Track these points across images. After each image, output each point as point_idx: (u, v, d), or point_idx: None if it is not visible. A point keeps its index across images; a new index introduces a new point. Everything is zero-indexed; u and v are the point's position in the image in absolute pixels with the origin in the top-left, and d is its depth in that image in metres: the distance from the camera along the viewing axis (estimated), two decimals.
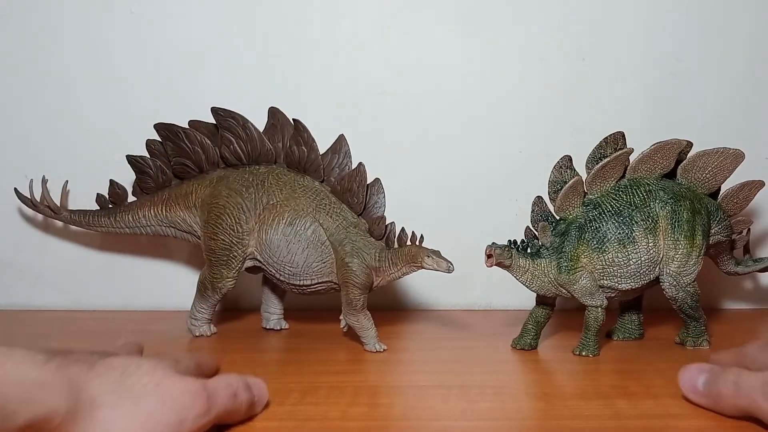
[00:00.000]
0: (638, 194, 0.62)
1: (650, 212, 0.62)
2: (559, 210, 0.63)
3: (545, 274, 0.62)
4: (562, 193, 0.62)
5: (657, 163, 0.63)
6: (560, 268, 0.61)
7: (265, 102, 0.68)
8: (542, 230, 0.63)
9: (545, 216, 0.63)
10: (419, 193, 0.79)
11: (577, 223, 0.62)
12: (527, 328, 0.64)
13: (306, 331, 0.70)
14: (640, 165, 0.63)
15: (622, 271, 0.61)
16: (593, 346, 0.62)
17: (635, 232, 0.61)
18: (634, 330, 0.68)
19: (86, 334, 0.69)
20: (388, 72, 0.79)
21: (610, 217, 0.61)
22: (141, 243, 0.80)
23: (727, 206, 0.67)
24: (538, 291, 0.63)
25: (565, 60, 0.79)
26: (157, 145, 0.70)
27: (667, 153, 0.63)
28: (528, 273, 0.62)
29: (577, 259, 0.61)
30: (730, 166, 0.65)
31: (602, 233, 0.61)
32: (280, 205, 0.65)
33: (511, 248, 0.62)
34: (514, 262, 0.62)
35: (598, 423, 0.47)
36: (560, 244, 0.62)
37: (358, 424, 0.46)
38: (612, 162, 0.62)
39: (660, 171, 0.64)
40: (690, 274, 0.62)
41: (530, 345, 0.64)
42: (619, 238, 0.61)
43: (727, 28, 0.79)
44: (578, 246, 0.61)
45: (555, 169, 0.64)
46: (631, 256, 0.61)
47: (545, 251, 0.62)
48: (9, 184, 0.75)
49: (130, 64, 0.78)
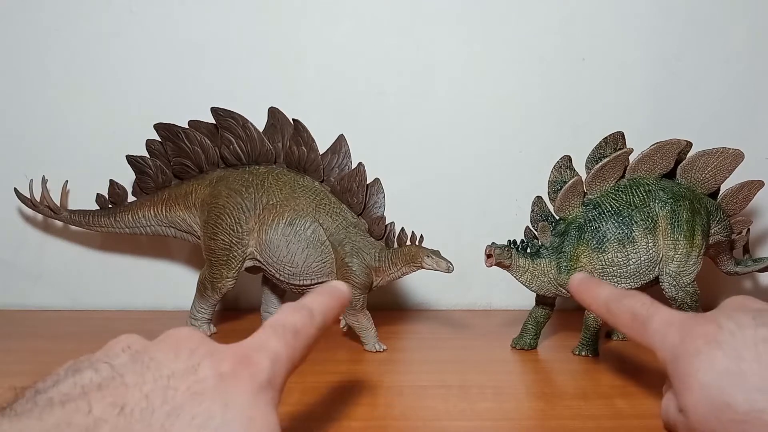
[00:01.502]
0: (638, 194, 0.62)
1: (650, 212, 0.62)
2: (558, 210, 0.63)
3: (545, 274, 0.62)
4: (561, 193, 0.62)
5: (656, 163, 0.63)
6: (560, 268, 0.61)
7: (265, 102, 0.68)
8: (542, 230, 0.63)
9: (545, 216, 0.64)
10: (419, 193, 0.79)
11: (577, 223, 0.62)
12: (527, 327, 0.65)
13: None
14: (639, 165, 0.63)
15: (622, 271, 0.61)
16: (593, 346, 0.62)
17: (635, 232, 0.61)
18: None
19: (86, 334, 0.69)
20: (387, 72, 0.79)
21: (609, 217, 0.62)
22: (141, 243, 0.80)
23: (727, 206, 0.67)
24: (537, 291, 0.63)
25: (565, 60, 0.79)
26: (157, 145, 0.70)
27: (667, 153, 0.63)
28: (528, 273, 0.62)
29: (576, 259, 0.61)
30: (730, 166, 0.65)
31: (602, 233, 0.61)
32: (279, 205, 0.65)
33: (511, 248, 0.62)
34: (513, 262, 0.62)
35: (598, 423, 0.47)
36: (560, 244, 0.62)
37: (358, 424, 0.46)
38: (611, 162, 0.62)
39: (660, 171, 0.64)
40: (689, 274, 0.62)
41: (529, 345, 0.64)
42: (618, 238, 0.61)
43: (727, 28, 0.79)
44: (578, 246, 0.61)
45: (555, 169, 0.64)
46: (631, 256, 0.61)
47: (545, 251, 0.62)
48: (9, 184, 0.75)
49: (130, 64, 0.78)
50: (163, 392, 0.29)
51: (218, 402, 0.29)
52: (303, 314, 0.36)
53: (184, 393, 0.29)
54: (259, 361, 0.32)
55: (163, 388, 0.29)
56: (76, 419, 0.27)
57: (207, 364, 0.30)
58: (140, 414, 0.28)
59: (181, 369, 0.30)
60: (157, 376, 0.29)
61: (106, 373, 0.29)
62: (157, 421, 0.28)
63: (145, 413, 0.28)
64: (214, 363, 0.31)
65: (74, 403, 0.28)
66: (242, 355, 0.31)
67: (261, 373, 0.31)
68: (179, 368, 0.30)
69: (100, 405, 0.28)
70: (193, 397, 0.29)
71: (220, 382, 0.30)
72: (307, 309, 0.36)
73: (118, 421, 0.27)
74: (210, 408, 0.29)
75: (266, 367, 0.32)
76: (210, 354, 0.31)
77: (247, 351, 0.32)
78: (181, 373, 0.30)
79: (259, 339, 0.33)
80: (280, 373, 0.32)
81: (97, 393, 0.28)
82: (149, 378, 0.29)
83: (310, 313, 0.36)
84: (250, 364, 0.31)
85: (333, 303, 0.38)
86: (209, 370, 0.30)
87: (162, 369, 0.30)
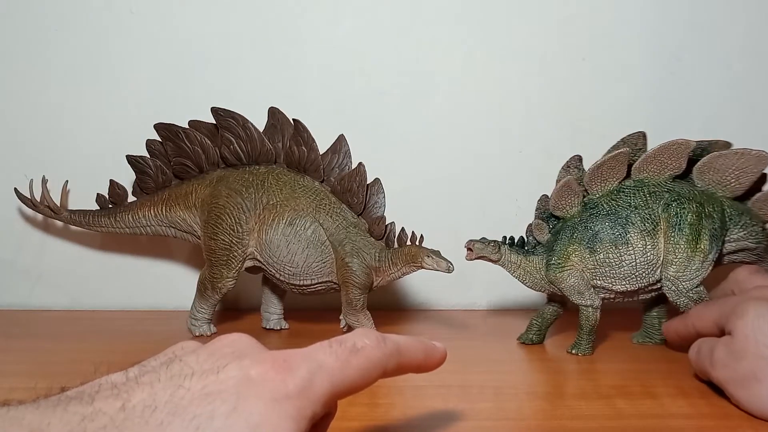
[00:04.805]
0: (640, 195, 0.61)
1: (651, 214, 0.61)
2: (554, 209, 0.63)
3: (537, 271, 0.63)
4: (554, 192, 0.62)
5: (665, 164, 0.62)
6: (549, 266, 0.62)
7: (265, 102, 0.68)
8: (536, 228, 0.63)
9: (547, 214, 0.64)
10: (419, 193, 0.79)
11: (572, 223, 0.62)
12: (531, 323, 0.65)
13: (306, 331, 0.70)
14: (645, 166, 0.62)
15: (615, 272, 0.61)
16: (585, 345, 0.62)
17: (630, 234, 0.60)
18: (654, 334, 0.66)
19: (86, 334, 0.69)
20: (388, 72, 0.79)
21: (604, 217, 0.61)
22: (141, 243, 0.80)
23: (760, 210, 0.63)
24: (532, 287, 0.63)
25: (565, 60, 0.79)
26: (157, 145, 0.70)
27: (675, 153, 0.61)
28: (520, 269, 0.63)
29: (567, 258, 0.61)
30: (754, 168, 0.62)
31: (593, 233, 0.61)
32: (280, 205, 0.65)
33: (499, 243, 0.62)
34: (504, 258, 0.62)
35: (598, 423, 0.47)
36: (553, 242, 0.62)
37: (358, 424, 0.46)
38: (608, 162, 0.61)
39: (670, 172, 0.62)
40: (690, 279, 0.60)
41: (531, 340, 0.65)
42: (611, 238, 0.60)
43: (727, 28, 0.79)
44: (569, 245, 0.61)
45: (563, 169, 0.64)
46: (624, 258, 0.60)
47: (540, 249, 0.63)
48: (9, 184, 0.75)
49: (130, 64, 0.78)
50: (172, 391, 0.28)
51: (227, 404, 0.28)
52: (372, 337, 0.34)
53: (195, 393, 0.28)
54: (295, 369, 0.30)
55: (174, 387, 0.28)
56: (75, 408, 0.27)
57: (234, 365, 0.30)
58: (142, 411, 0.27)
59: (204, 370, 0.30)
60: (173, 375, 0.29)
61: (132, 374, 0.30)
62: (156, 419, 0.27)
63: (147, 411, 0.27)
64: (244, 365, 0.30)
65: (81, 397, 0.28)
66: (281, 361, 0.30)
67: (292, 381, 0.30)
68: (203, 369, 0.30)
69: (104, 400, 0.28)
70: (204, 398, 0.28)
71: (242, 385, 0.29)
72: (380, 335, 0.35)
73: (117, 415, 0.27)
74: (215, 409, 0.28)
75: (301, 376, 0.30)
76: (243, 357, 0.30)
77: (288, 357, 0.31)
78: (201, 374, 0.29)
79: (308, 348, 0.32)
80: (320, 385, 0.31)
81: (108, 390, 0.28)
82: (164, 377, 0.29)
83: (381, 338, 0.34)
84: (283, 371, 0.30)
85: (415, 343, 0.36)
86: (235, 372, 0.29)
87: (184, 369, 0.30)
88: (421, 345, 0.37)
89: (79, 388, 0.29)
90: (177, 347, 0.33)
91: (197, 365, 0.30)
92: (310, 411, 0.30)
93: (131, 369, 0.31)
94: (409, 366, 0.36)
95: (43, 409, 0.27)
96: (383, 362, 0.34)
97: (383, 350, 0.34)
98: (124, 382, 0.29)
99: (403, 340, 0.36)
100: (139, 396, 0.28)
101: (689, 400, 0.50)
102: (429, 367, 0.38)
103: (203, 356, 0.31)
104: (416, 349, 0.36)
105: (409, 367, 0.36)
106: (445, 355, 0.38)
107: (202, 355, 0.31)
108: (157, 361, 0.31)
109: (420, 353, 0.37)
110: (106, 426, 0.27)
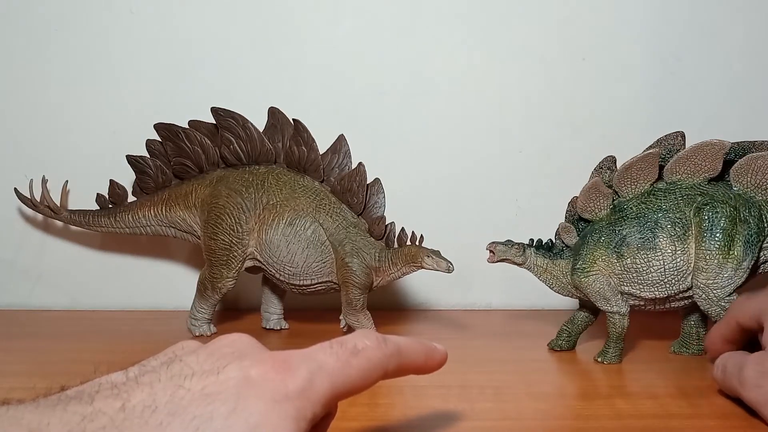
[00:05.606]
0: (671, 198, 0.58)
1: (681, 218, 0.58)
2: (582, 211, 0.61)
3: (564, 275, 0.61)
4: (582, 194, 0.60)
5: (699, 166, 0.58)
6: (574, 270, 0.60)
7: (265, 102, 0.68)
8: (564, 230, 0.61)
9: (576, 217, 0.62)
10: (419, 193, 0.79)
11: (599, 226, 0.60)
12: (561, 329, 0.63)
13: (306, 331, 0.70)
14: (677, 167, 0.59)
15: (643, 278, 0.58)
16: (612, 353, 0.59)
17: (658, 238, 0.57)
18: (691, 344, 0.62)
19: (86, 334, 0.69)
20: (388, 72, 0.79)
21: (632, 220, 0.58)
22: (141, 243, 0.80)
23: None
24: (559, 292, 0.62)
25: (565, 60, 0.79)
26: (157, 145, 0.70)
27: (709, 155, 0.58)
28: (547, 273, 0.61)
29: (593, 262, 0.59)
30: None
31: (621, 237, 0.58)
32: (280, 205, 0.65)
33: (524, 246, 0.61)
34: (530, 261, 0.61)
35: (598, 423, 0.47)
36: (580, 246, 0.60)
37: (358, 424, 0.46)
38: (638, 164, 0.59)
39: (705, 174, 0.59)
40: (723, 287, 0.57)
41: (561, 347, 0.63)
42: (639, 243, 0.58)
43: (727, 28, 0.79)
44: (596, 249, 0.59)
45: (595, 170, 0.62)
46: (653, 263, 0.57)
47: (567, 252, 0.61)
48: (9, 184, 0.75)
49: (129, 64, 0.78)
50: (172, 391, 0.28)
51: (227, 405, 0.28)
52: (372, 338, 0.34)
53: (195, 393, 0.28)
54: (294, 369, 0.30)
55: (174, 387, 0.29)
56: (75, 408, 0.27)
57: (235, 366, 0.30)
58: (141, 411, 0.27)
59: (204, 370, 0.30)
60: (173, 375, 0.29)
61: (132, 374, 0.30)
62: (156, 420, 0.27)
63: (146, 411, 0.27)
64: (244, 366, 0.30)
65: (81, 397, 0.28)
66: (281, 361, 0.30)
67: (292, 381, 0.30)
68: (203, 369, 0.30)
69: (104, 400, 0.28)
70: (204, 398, 0.28)
71: (242, 386, 0.29)
72: (381, 336, 0.35)
73: (117, 415, 0.27)
74: (215, 410, 0.28)
75: (301, 377, 0.30)
76: (243, 357, 0.30)
77: (288, 358, 0.31)
78: (201, 374, 0.29)
79: (308, 349, 0.32)
80: (320, 385, 0.31)
81: (108, 390, 0.28)
82: (164, 377, 0.29)
83: (382, 339, 0.34)
84: (283, 371, 0.30)
85: (416, 345, 0.36)
86: (235, 372, 0.29)
87: (185, 369, 0.30)
88: (421, 346, 0.37)
89: (78, 388, 0.30)
90: (177, 347, 0.33)
91: (197, 365, 0.30)
92: (310, 412, 0.30)
93: (131, 369, 0.31)
94: (410, 367, 0.36)
95: (42, 409, 0.27)
96: (384, 363, 0.34)
97: (384, 351, 0.34)
98: (124, 382, 0.29)
99: (403, 341, 0.36)
100: (139, 396, 0.28)
101: (689, 400, 0.50)
102: (429, 368, 0.38)
103: (203, 356, 0.31)
104: (417, 351, 0.36)
105: (409, 369, 0.36)
106: (445, 356, 0.38)
107: (202, 355, 0.31)
108: (157, 361, 0.31)
109: (421, 355, 0.37)
110: (105, 426, 0.27)
